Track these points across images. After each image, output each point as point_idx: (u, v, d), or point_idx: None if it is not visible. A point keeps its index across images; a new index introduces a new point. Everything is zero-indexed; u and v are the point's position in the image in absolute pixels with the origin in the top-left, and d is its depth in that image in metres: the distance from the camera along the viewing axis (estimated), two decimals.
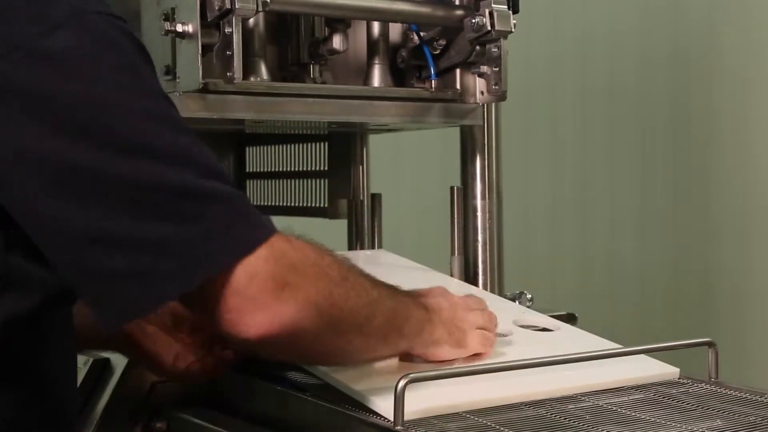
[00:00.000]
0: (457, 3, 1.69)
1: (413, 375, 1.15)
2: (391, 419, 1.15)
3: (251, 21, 1.59)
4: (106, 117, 1.02)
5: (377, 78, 1.74)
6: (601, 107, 3.31)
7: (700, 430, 1.16)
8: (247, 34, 1.56)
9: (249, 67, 1.59)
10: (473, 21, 1.65)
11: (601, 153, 3.31)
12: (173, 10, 1.45)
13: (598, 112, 3.32)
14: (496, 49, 1.67)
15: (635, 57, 3.19)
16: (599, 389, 1.33)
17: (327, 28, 1.69)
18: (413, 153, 3.57)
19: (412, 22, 1.74)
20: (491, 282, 1.86)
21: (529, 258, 3.33)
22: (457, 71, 1.75)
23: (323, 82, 1.71)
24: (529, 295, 1.80)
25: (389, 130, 2.07)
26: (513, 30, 1.65)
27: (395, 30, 1.78)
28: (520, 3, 1.70)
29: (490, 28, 1.63)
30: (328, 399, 1.25)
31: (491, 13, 1.63)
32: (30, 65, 1.00)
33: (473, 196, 1.87)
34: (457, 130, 1.90)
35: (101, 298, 1.05)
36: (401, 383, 1.13)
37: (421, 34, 1.75)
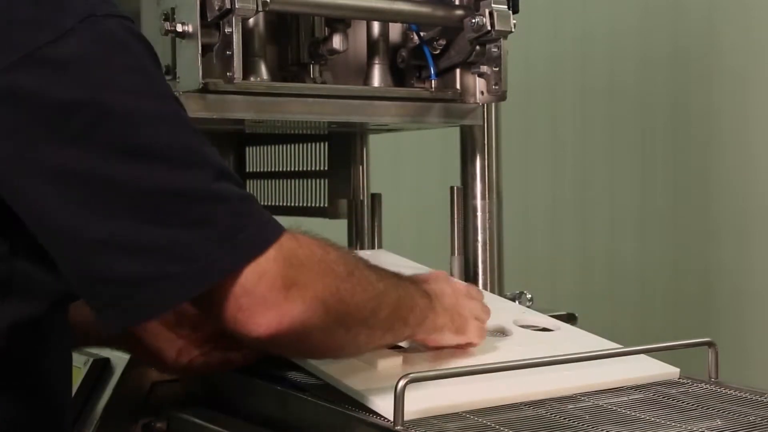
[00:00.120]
0: (457, 3, 1.69)
1: (413, 375, 1.15)
2: (391, 419, 1.15)
3: (251, 21, 1.59)
4: (117, 122, 1.02)
5: (377, 78, 1.74)
6: (601, 107, 3.30)
7: (700, 430, 1.16)
8: (247, 34, 1.56)
9: (249, 67, 1.59)
10: (473, 21, 1.65)
11: (601, 153, 3.31)
12: (173, 10, 1.45)
13: (598, 112, 3.32)
14: (496, 49, 1.67)
15: (635, 57, 3.19)
16: (599, 389, 1.33)
17: (327, 28, 1.69)
18: (413, 153, 3.57)
19: (412, 22, 1.74)
20: (491, 282, 1.86)
21: (529, 258, 3.33)
22: (457, 71, 1.75)
23: (323, 82, 1.71)
24: (529, 295, 1.80)
25: (389, 130, 2.07)
26: (513, 30, 1.65)
27: (395, 30, 1.78)
28: (520, 3, 1.70)
29: (490, 28, 1.63)
30: (328, 399, 1.26)
31: (491, 13, 1.63)
32: (41, 73, 1.00)
33: (473, 196, 1.87)
34: (457, 130, 1.90)
35: (109, 302, 1.04)
36: (401, 383, 1.13)
37: (421, 34, 1.75)
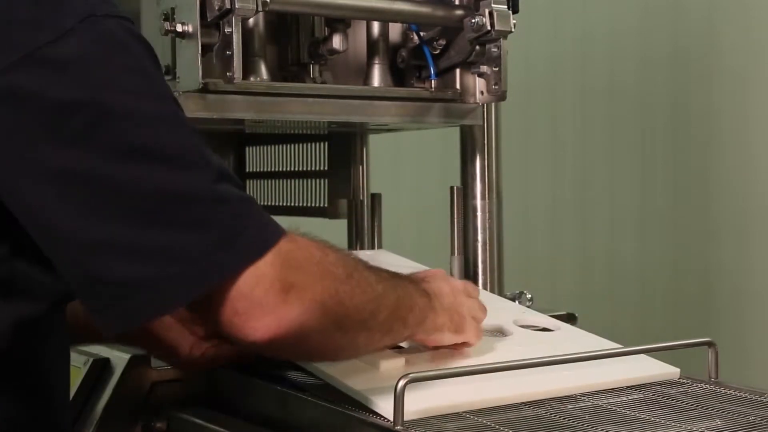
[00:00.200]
0: (457, 3, 1.69)
1: (413, 375, 1.15)
2: (391, 419, 1.15)
3: (251, 21, 1.59)
4: (117, 122, 1.01)
5: (377, 78, 1.74)
6: (601, 107, 3.31)
7: (700, 430, 1.16)
8: (247, 34, 1.56)
9: (249, 67, 1.59)
10: (473, 21, 1.65)
11: (601, 153, 3.31)
12: (173, 10, 1.45)
13: (598, 112, 3.32)
14: (496, 49, 1.67)
15: (635, 57, 3.19)
16: (599, 389, 1.33)
17: (327, 28, 1.69)
18: (413, 153, 3.57)
19: (412, 22, 1.74)
20: (491, 282, 1.86)
21: (529, 258, 3.33)
22: (457, 71, 1.75)
23: (323, 82, 1.71)
24: (529, 295, 1.80)
25: (389, 130, 2.07)
26: (513, 30, 1.65)
27: (395, 30, 1.78)
28: (520, 3, 1.70)
29: (490, 28, 1.63)
30: (328, 399, 1.25)
31: (491, 13, 1.63)
32: (39, 74, 1.00)
33: (473, 196, 1.87)
34: (457, 130, 1.90)
35: (107, 304, 1.04)
36: (401, 383, 1.13)
37: (421, 34, 1.75)
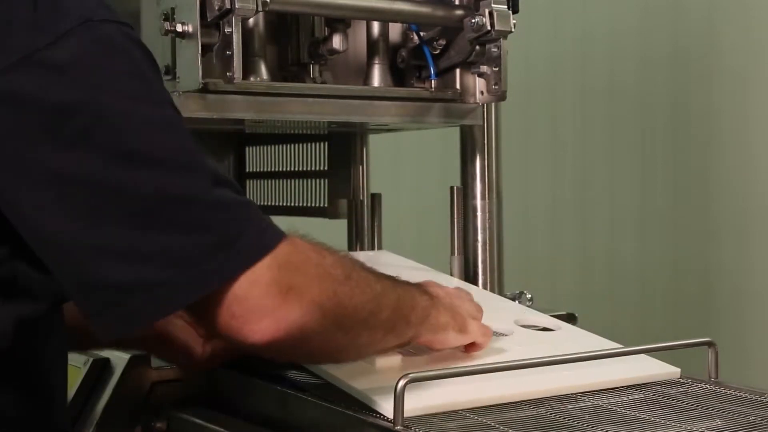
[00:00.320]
0: (457, 3, 1.69)
1: (413, 375, 1.15)
2: (390, 416, 1.15)
3: (251, 21, 1.59)
4: (114, 127, 1.01)
5: (377, 78, 1.74)
6: (601, 107, 3.30)
7: (700, 430, 1.16)
8: (247, 34, 1.56)
9: (249, 67, 1.59)
10: (473, 21, 1.65)
11: (601, 153, 3.31)
12: (173, 10, 1.45)
13: (598, 112, 3.32)
14: (496, 49, 1.67)
15: (635, 57, 3.19)
16: (599, 389, 1.33)
17: (327, 28, 1.69)
18: (413, 153, 3.56)
19: (412, 22, 1.74)
20: (491, 282, 1.86)
21: (529, 258, 3.33)
22: (457, 71, 1.75)
23: (323, 82, 1.71)
24: (529, 295, 1.80)
25: (389, 130, 2.07)
26: (513, 30, 1.65)
27: (395, 30, 1.78)
28: (520, 3, 1.70)
29: (490, 28, 1.63)
30: (328, 399, 1.25)
31: (491, 13, 1.63)
32: (38, 76, 1.00)
33: (473, 196, 1.87)
34: (457, 130, 1.90)
35: (104, 308, 1.03)
36: (401, 383, 1.13)
37: (421, 34, 1.75)
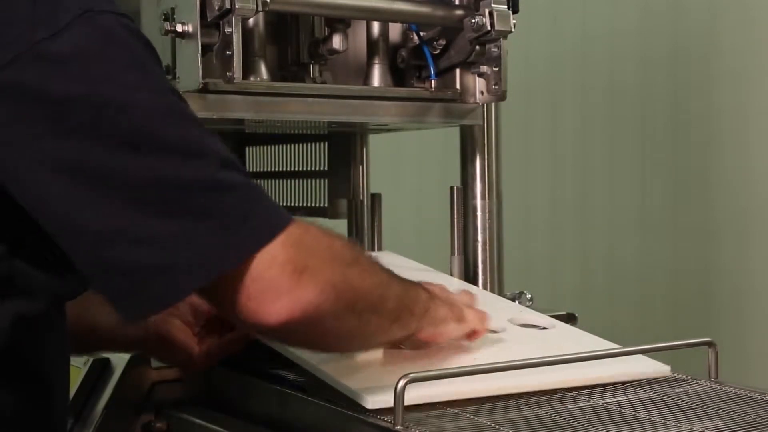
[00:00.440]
0: (457, 3, 1.69)
1: (413, 375, 1.15)
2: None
3: (251, 21, 1.59)
4: (117, 116, 1.02)
5: (377, 78, 1.74)
6: (601, 107, 3.30)
7: (700, 430, 1.16)
8: (247, 34, 1.56)
9: (249, 67, 1.59)
10: (473, 21, 1.65)
11: (601, 153, 3.31)
12: (173, 10, 1.45)
13: (598, 112, 3.32)
14: (496, 49, 1.67)
15: (635, 57, 3.19)
16: (589, 385, 1.33)
17: (327, 28, 1.69)
18: (413, 153, 3.56)
19: (412, 22, 1.74)
20: (491, 282, 1.86)
21: (529, 258, 3.33)
22: (457, 71, 1.75)
23: (323, 82, 1.71)
24: (529, 295, 1.80)
25: (389, 130, 2.07)
26: (513, 30, 1.65)
27: (395, 30, 1.78)
28: (520, 3, 1.70)
29: (490, 28, 1.63)
30: (328, 399, 1.26)
31: (491, 13, 1.63)
32: (39, 69, 1.01)
33: (473, 196, 1.87)
34: (457, 130, 1.90)
35: (124, 292, 1.05)
36: (401, 383, 1.14)
37: (421, 34, 1.75)
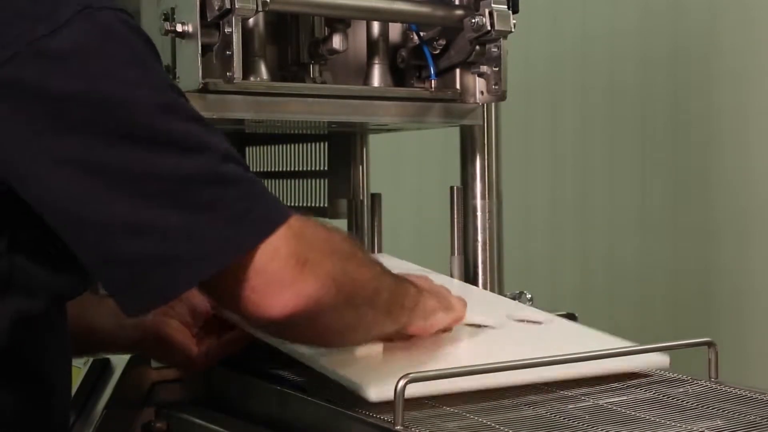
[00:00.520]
0: (457, 3, 1.69)
1: (413, 375, 1.16)
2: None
3: (251, 21, 1.59)
4: (117, 112, 1.03)
5: (377, 78, 1.74)
6: (601, 107, 3.30)
7: (700, 430, 1.16)
8: (247, 34, 1.56)
9: (249, 67, 1.59)
10: (473, 21, 1.65)
11: (601, 153, 3.31)
12: (173, 10, 1.45)
13: (598, 112, 3.32)
14: (496, 49, 1.67)
15: (635, 57, 3.19)
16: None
17: (327, 28, 1.69)
18: (413, 153, 3.56)
19: (412, 22, 1.74)
20: (491, 282, 1.86)
21: (529, 258, 3.33)
22: (457, 71, 1.75)
23: (323, 82, 1.71)
24: (529, 295, 1.80)
25: (389, 130, 2.07)
26: (513, 30, 1.65)
27: (395, 30, 1.78)
28: (520, 3, 1.70)
29: (490, 28, 1.63)
30: (328, 399, 1.26)
31: (491, 13, 1.63)
32: (39, 65, 1.01)
33: (473, 196, 1.87)
34: (457, 130, 1.90)
35: (125, 285, 1.06)
36: (401, 383, 1.14)
37: (421, 34, 1.75)
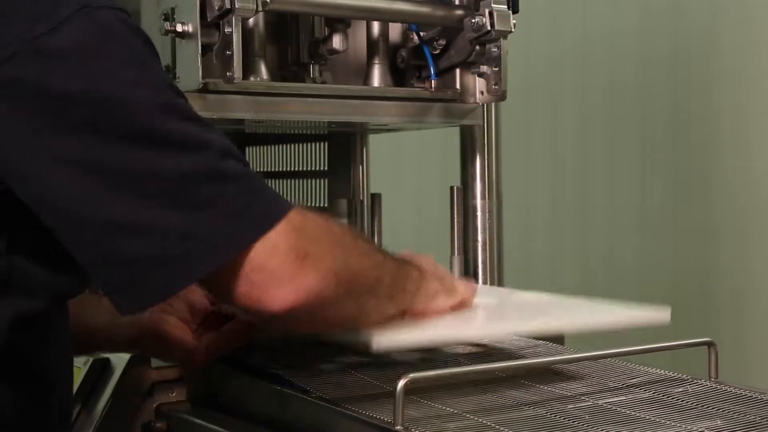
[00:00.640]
0: (457, 3, 1.69)
1: (413, 375, 1.15)
2: (387, 417, 1.15)
3: (251, 21, 1.59)
4: (116, 112, 1.03)
5: (377, 78, 1.74)
6: (601, 107, 3.30)
7: (700, 430, 1.16)
8: (247, 34, 1.56)
9: (249, 67, 1.59)
10: (473, 21, 1.65)
11: (601, 153, 3.31)
12: (173, 10, 1.45)
13: (598, 112, 3.32)
14: (496, 49, 1.67)
15: (635, 57, 3.19)
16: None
17: (327, 28, 1.69)
18: (413, 153, 3.56)
19: (412, 22, 1.74)
20: (491, 282, 1.86)
21: (529, 258, 3.33)
22: (457, 71, 1.75)
23: (323, 82, 1.71)
24: None
25: (389, 130, 2.07)
26: (513, 30, 1.65)
27: (395, 30, 1.78)
28: (520, 3, 1.70)
29: (490, 28, 1.63)
30: (328, 399, 1.26)
31: (491, 13, 1.63)
32: (38, 64, 1.01)
33: (473, 196, 1.87)
34: (457, 130, 1.90)
35: (123, 284, 1.06)
36: (401, 383, 1.14)
37: (421, 34, 1.75)
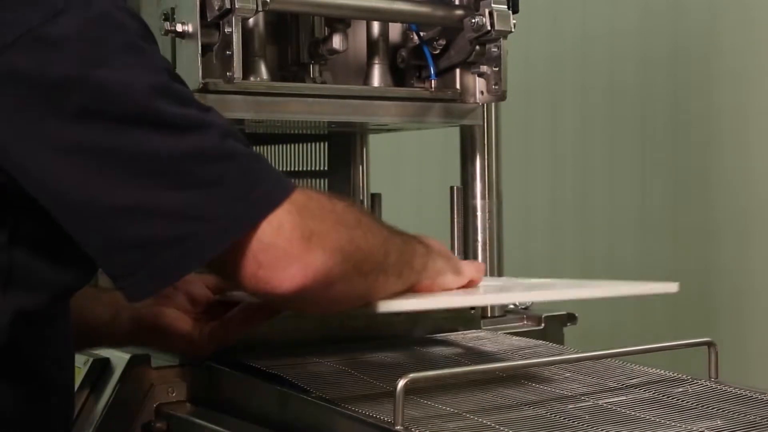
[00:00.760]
0: (457, 3, 1.69)
1: (413, 375, 1.15)
2: (387, 417, 1.15)
3: (251, 21, 1.59)
4: (116, 97, 1.03)
5: (377, 78, 1.74)
6: (601, 107, 3.30)
7: (700, 430, 1.16)
8: (247, 34, 1.56)
9: (249, 67, 1.59)
10: (473, 21, 1.65)
11: (601, 153, 3.31)
12: (173, 10, 1.45)
13: (598, 112, 3.32)
14: (496, 49, 1.67)
15: (635, 57, 3.19)
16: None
17: (327, 28, 1.69)
18: (413, 153, 3.57)
19: (412, 22, 1.74)
20: None
21: (529, 258, 3.33)
22: (457, 71, 1.75)
23: (323, 82, 1.71)
24: None
25: (389, 130, 2.07)
26: (513, 30, 1.65)
27: (395, 30, 1.78)
28: (520, 3, 1.70)
29: (490, 28, 1.63)
30: (328, 399, 1.26)
31: (491, 13, 1.63)
32: (36, 52, 1.01)
33: (473, 196, 1.87)
34: (457, 130, 1.90)
35: (130, 269, 1.05)
36: (401, 383, 1.13)
37: (421, 34, 1.75)
